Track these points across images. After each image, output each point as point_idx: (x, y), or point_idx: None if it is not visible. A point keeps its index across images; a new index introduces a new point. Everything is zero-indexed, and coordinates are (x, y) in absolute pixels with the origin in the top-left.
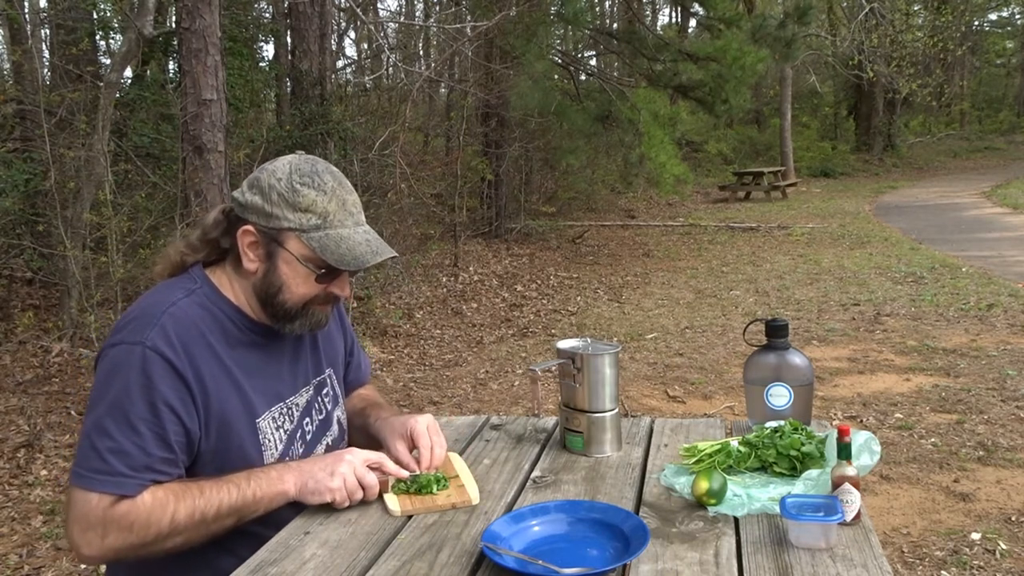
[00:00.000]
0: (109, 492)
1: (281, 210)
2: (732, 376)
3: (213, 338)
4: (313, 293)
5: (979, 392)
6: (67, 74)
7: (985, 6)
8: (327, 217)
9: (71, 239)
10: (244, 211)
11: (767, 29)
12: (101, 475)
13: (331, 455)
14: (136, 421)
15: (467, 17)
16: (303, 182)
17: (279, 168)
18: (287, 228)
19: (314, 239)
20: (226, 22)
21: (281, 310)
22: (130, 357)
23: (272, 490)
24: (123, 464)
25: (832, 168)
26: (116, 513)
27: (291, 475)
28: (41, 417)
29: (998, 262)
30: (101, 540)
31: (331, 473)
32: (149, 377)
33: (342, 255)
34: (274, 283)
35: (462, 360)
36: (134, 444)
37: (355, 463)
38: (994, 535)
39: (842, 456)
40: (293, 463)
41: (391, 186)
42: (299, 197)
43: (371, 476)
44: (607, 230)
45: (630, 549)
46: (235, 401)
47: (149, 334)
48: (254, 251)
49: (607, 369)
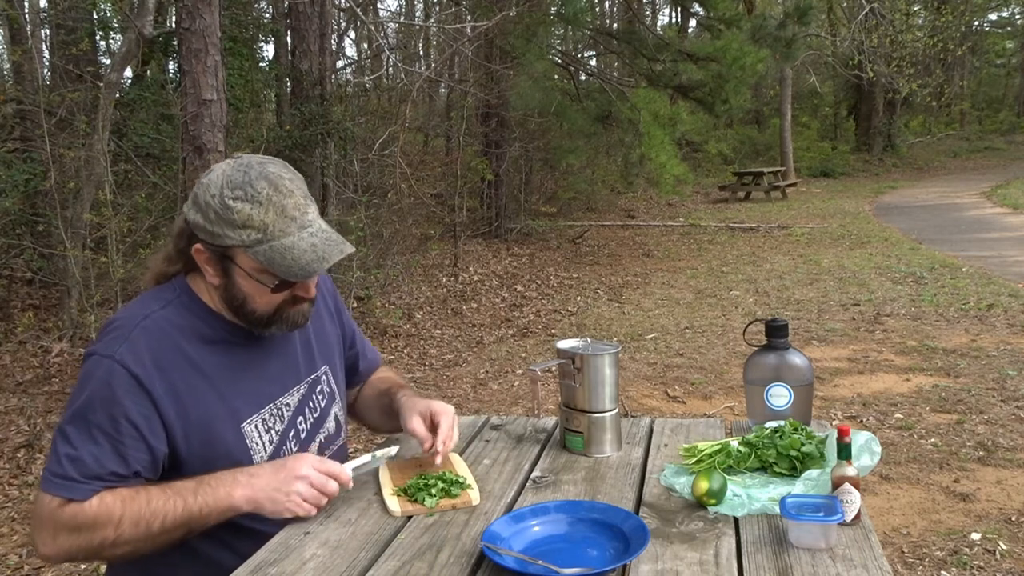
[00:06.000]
0: (59, 495)
1: (221, 228)
2: (732, 376)
3: (191, 347)
4: (279, 300)
5: (979, 392)
6: (67, 74)
7: (985, 6)
8: (266, 230)
9: (71, 239)
10: (194, 228)
11: (767, 29)
12: (56, 478)
13: (281, 468)
14: (95, 432)
15: (467, 17)
16: (235, 196)
17: (212, 183)
18: (232, 245)
19: (259, 253)
20: (226, 22)
21: (253, 318)
22: (99, 369)
23: (220, 505)
24: (76, 471)
25: (832, 168)
26: (64, 515)
27: (240, 491)
28: (41, 417)
29: (998, 262)
30: (53, 540)
31: (287, 493)
32: (113, 391)
33: (288, 267)
34: (237, 296)
35: (462, 360)
36: (90, 454)
37: (310, 476)
38: (994, 535)
39: (842, 456)
40: (243, 476)
41: (391, 186)
42: (233, 214)
43: (332, 484)
44: (607, 230)
45: (630, 549)
46: (217, 408)
47: (119, 349)
48: (211, 267)
49: (607, 369)
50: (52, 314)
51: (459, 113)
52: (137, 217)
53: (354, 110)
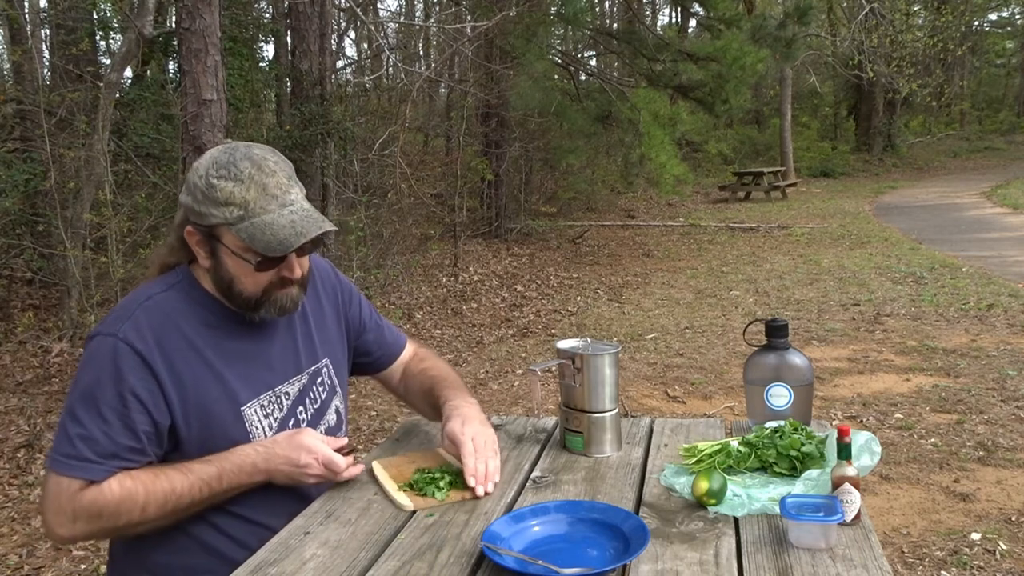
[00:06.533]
0: (77, 477)
1: (207, 207)
2: (732, 376)
3: (192, 330)
4: (265, 280)
5: (979, 392)
6: (67, 74)
7: (985, 6)
8: (247, 206)
9: (71, 239)
10: (186, 211)
11: (767, 29)
12: (70, 459)
13: (287, 442)
14: (105, 410)
15: (467, 17)
16: (219, 175)
17: (201, 165)
18: (216, 224)
19: (242, 230)
20: (226, 22)
21: (241, 300)
22: (103, 348)
23: (249, 483)
24: (90, 450)
25: (832, 168)
26: (84, 500)
27: (260, 475)
28: (41, 417)
29: (998, 262)
30: (71, 524)
31: (297, 464)
32: (119, 368)
33: (268, 242)
34: (224, 277)
35: (462, 360)
36: (102, 432)
37: (318, 451)
38: (994, 535)
39: (842, 456)
40: (259, 460)
41: (391, 186)
42: (216, 192)
43: (338, 458)
44: (607, 230)
45: (630, 549)
46: (216, 391)
47: (123, 327)
48: (201, 248)
49: (607, 369)
50: (52, 314)
51: (459, 113)
52: (137, 217)
53: (354, 110)
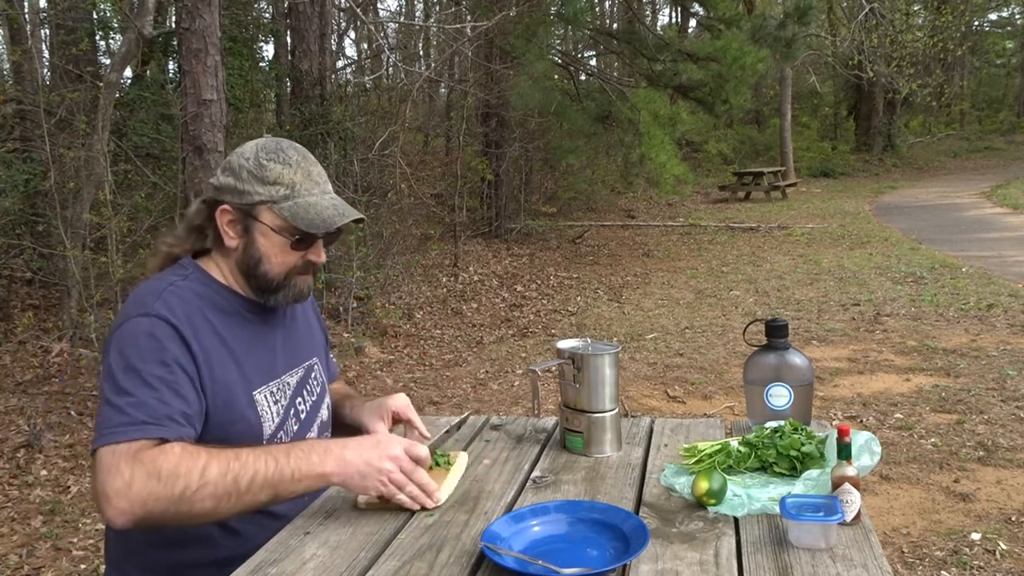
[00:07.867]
0: (134, 438)
1: (252, 186)
2: (732, 376)
3: (212, 314)
4: (292, 262)
5: (979, 392)
6: (67, 74)
7: (985, 6)
8: (294, 187)
9: (71, 239)
10: (220, 193)
11: (767, 29)
12: (124, 426)
13: (376, 444)
14: (151, 379)
15: (467, 17)
16: (269, 158)
17: (247, 149)
18: (259, 202)
19: (285, 208)
20: (226, 22)
21: (264, 281)
22: (139, 327)
23: (313, 472)
24: (144, 414)
25: (832, 168)
26: (145, 458)
27: (332, 460)
28: (41, 417)
29: (998, 262)
30: (128, 487)
31: (378, 470)
32: (159, 340)
33: (311, 220)
34: (254, 256)
35: (462, 360)
36: (153, 397)
37: (401, 458)
38: (994, 535)
39: (842, 456)
40: (336, 446)
41: (391, 186)
42: (266, 172)
43: (418, 471)
44: (607, 230)
45: (630, 549)
46: (234, 373)
47: (154, 305)
48: (233, 228)
49: (607, 369)
50: (52, 314)
51: (459, 113)
52: (137, 217)
53: (354, 110)
